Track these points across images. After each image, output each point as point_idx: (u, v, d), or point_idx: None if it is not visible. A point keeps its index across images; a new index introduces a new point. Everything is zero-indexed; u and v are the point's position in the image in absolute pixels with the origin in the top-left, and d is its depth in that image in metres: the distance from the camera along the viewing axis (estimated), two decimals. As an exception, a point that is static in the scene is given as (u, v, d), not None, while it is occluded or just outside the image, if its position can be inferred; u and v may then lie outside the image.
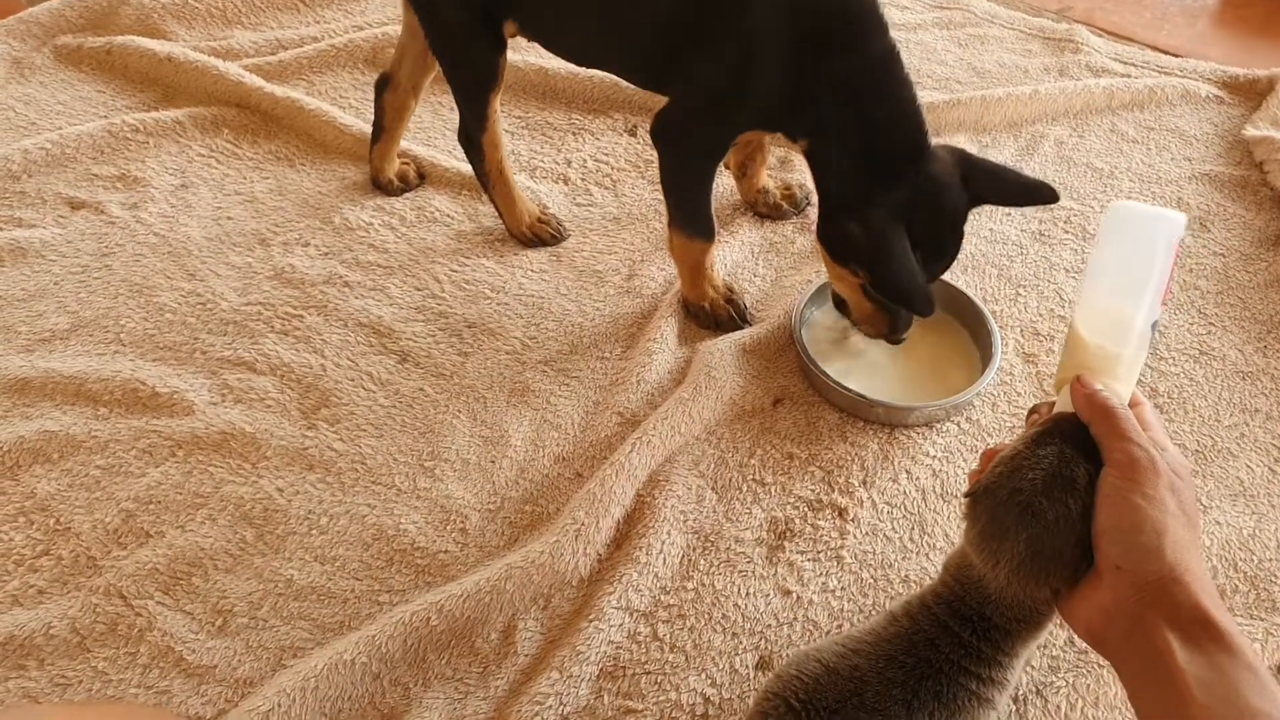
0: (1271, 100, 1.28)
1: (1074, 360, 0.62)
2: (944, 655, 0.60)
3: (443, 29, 0.96)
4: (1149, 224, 0.61)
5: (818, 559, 0.82)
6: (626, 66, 0.95)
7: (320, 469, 0.87)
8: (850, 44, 0.81)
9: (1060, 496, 0.55)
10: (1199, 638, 0.49)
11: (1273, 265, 1.10)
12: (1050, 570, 0.56)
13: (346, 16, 1.42)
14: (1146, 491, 0.53)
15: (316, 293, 1.03)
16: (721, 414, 0.93)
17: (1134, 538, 0.52)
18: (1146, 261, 0.61)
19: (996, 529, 0.57)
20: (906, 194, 0.81)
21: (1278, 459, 0.91)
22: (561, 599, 0.79)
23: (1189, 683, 0.48)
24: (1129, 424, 0.56)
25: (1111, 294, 0.61)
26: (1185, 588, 0.50)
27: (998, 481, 0.57)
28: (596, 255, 1.09)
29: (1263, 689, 0.47)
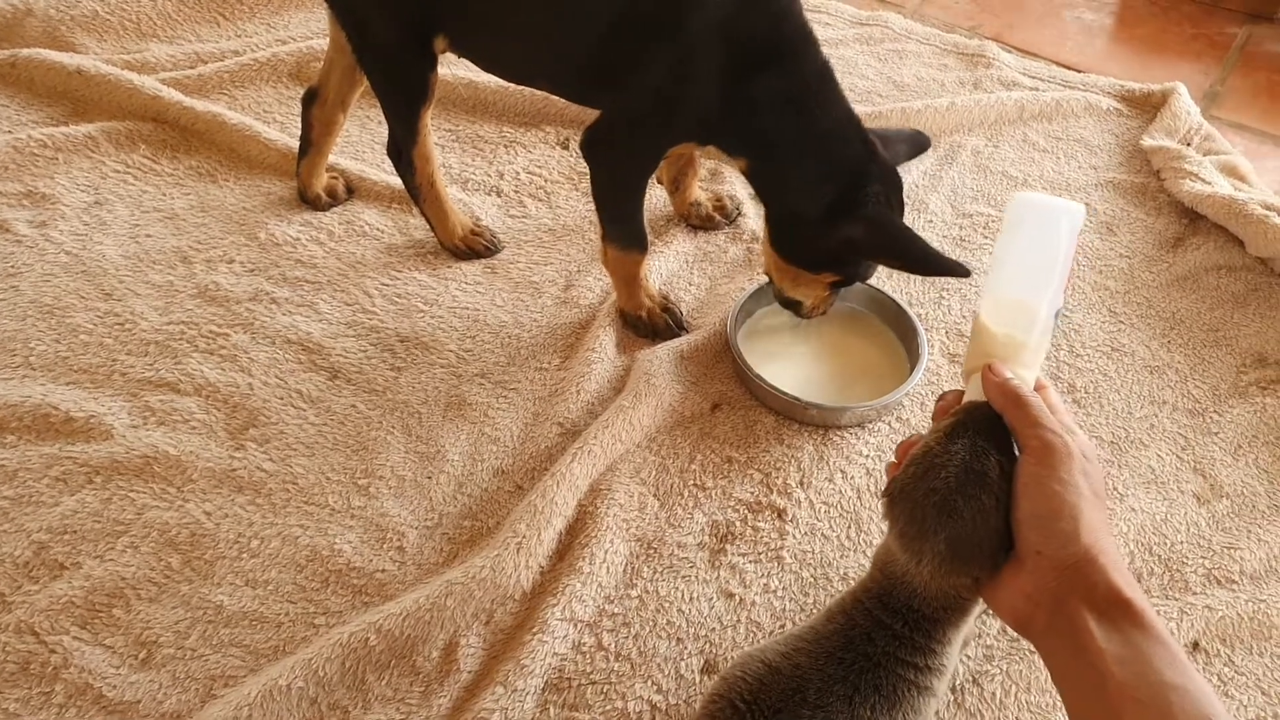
0: (1165, 112, 1.35)
1: (981, 349, 0.63)
2: (880, 648, 0.61)
3: (372, 45, 0.95)
4: (1050, 215, 0.63)
5: (759, 560, 0.83)
6: (559, 82, 0.96)
7: (250, 490, 0.85)
8: (785, 61, 0.83)
9: (974, 492, 0.56)
10: (1115, 617, 0.51)
11: (1173, 266, 1.16)
12: (971, 562, 0.58)
13: (269, 30, 1.39)
14: (1062, 476, 0.55)
15: (242, 310, 1.00)
16: (661, 421, 0.93)
17: (1053, 524, 0.54)
18: (1049, 251, 0.63)
19: (916, 529, 0.58)
20: (879, 185, 0.84)
21: (1184, 447, 0.96)
22: (504, 613, 0.78)
23: (1107, 661, 0.50)
24: (1040, 410, 0.58)
25: (1016, 284, 0.63)
26: (1100, 569, 0.52)
27: (913, 482, 0.59)
28: (532, 267, 1.09)
29: (1175, 662, 0.49)
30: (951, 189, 1.24)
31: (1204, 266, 1.16)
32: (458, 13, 0.90)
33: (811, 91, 0.84)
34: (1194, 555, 0.86)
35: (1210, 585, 0.84)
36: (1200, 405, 1.00)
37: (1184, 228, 1.21)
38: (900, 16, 1.59)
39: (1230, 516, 0.90)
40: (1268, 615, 0.81)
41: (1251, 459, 0.95)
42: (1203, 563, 0.86)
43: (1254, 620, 0.81)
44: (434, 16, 0.90)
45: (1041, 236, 0.63)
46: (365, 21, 0.93)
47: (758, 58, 0.82)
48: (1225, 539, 0.88)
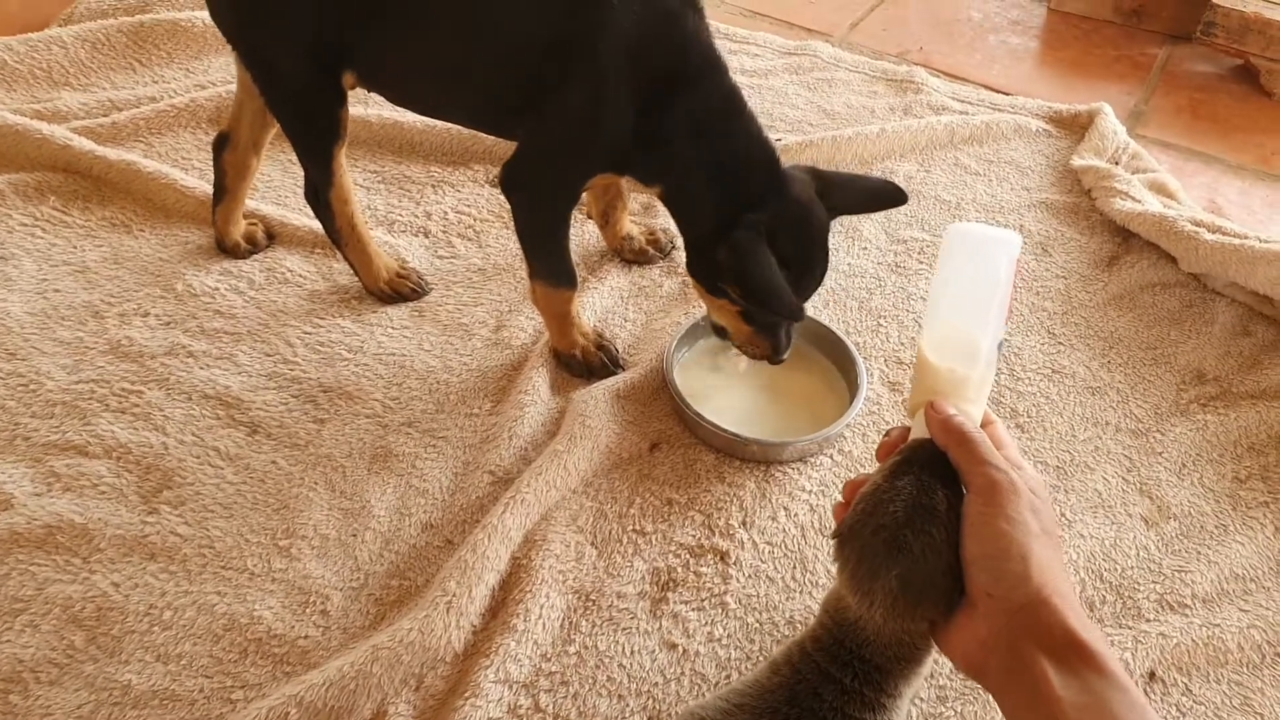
0: (1093, 133, 1.37)
1: (925, 384, 0.62)
2: (827, 704, 0.59)
3: (279, 84, 0.92)
4: (987, 246, 0.62)
5: (702, 607, 0.80)
6: (472, 115, 0.94)
7: (163, 557, 0.80)
8: (693, 87, 0.82)
9: (924, 527, 0.55)
10: (1071, 661, 0.49)
11: (1109, 285, 1.16)
12: (924, 602, 0.56)
13: (188, 75, 1.36)
14: (1010, 514, 0.53)
15: (157, 365, 0.95)
16: (598, 464, 0.90)
17: (1002, 565, 0.53)
18: (988, 283, 0.62)
19: (867, 569, 0.56)
20: (767, 215, 0.82)
21: (1129, 469, 0.95)
22: (435, 677, 0.74)
23: (1064, 708, 0.48)
24: (985, 447, 0.56)
25: (956, 317, 0.62)
26: (1054, 610, 0.51)
27: (861, 520, 0.57)
28: (461, 308, 1.06)
29: (1134, 707, 0.48)
30: (885, 215, 1.24)
31: (1139, 285, 1.16)
32: (365, 47, 0.87)
33: (717, 117, 0.84)
34: (1145, 580, 0.85)
35: (1163, 611, 0.83)
36: (1143, 425, 1.00)
37: (1117, 246, 1.22)
38: (829, 45, 1.60)
39: (1179, 538, 0.89)
40: (1222, 640, 0.80)
41: (1196, 478, 0.94)
42: (1154, 588, 0.84)
43: (1209, 646, 0.79)
44: (341, 52, 0.88)
45: (980, 268, 0.62)
46: (270, 61, 0.90)
47: (666, 85, 0.82)
48: (1175, 562, 0.87)
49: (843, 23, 1.74)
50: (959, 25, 1.78)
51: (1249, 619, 0.81)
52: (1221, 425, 0.99)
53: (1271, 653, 0.80)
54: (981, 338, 0.61)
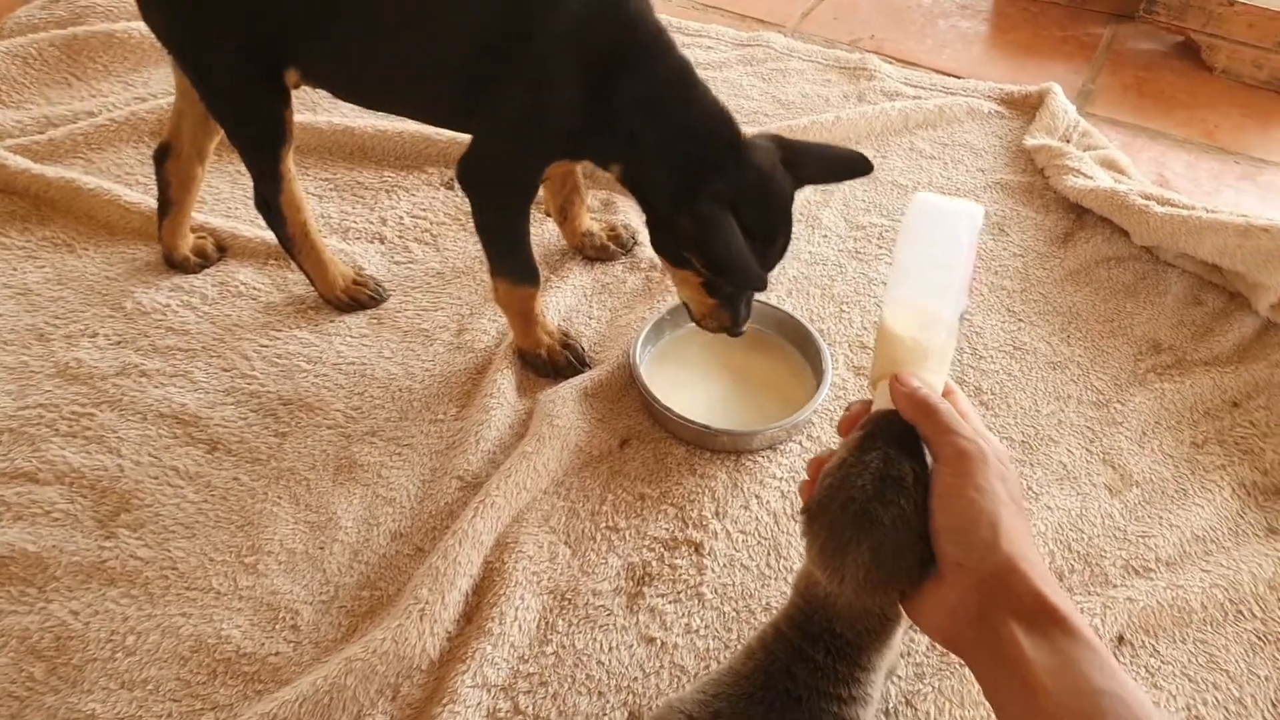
0: (1044, 112, 1.38)
1: (887, 355, 0.62)
2: (801, 683, 0.59)
3: (218, 88, 0.89)
4: (950, 217, 0.62)
5: (679, 600, 0.79)
6: (420, 109, 0.92)
7: (123, 582, 0.78)
8: (641, 64, 0.82)
9: (893, 498, 0.54)
10: (1042, 624, 0.50)
11: (1065, 261, 1.18)
12: (895, 573, 0.55)
13: (127, 89, 1.32)
14: (979, 484, 0.53)
15: (109, 386, 0.93)
16: (568, 463, 0.89)
17: (971, 534, 0.53)
18: (950, 254, 0.61)
19: (837, 543, 0.56)
20: (727, 183, 0.81)
21: (1092, 440, 0.96)
22: (411, 686, 0.73)
23: (1036, 672, 0.48)
24: (952, 418, 0.56)
25: (919, 288, 0.62)
26: (1024, 577, 0.51)
27: (829, 495, 0.56)
28: (421, 313, 1.04)
29: (1104, 667, 0.48)
30: (843, 202, 1.24)
31: (1094, 259, 1.18)
32: (307, 43, 0.85)
33: (668, 91, 0.83)
34: (1111, 548, 0.86)
35: (1129, 576, 0.84)
36: (1104, 397, 1.01)
37: (1072, 223, 1.23)
38: (781, 36, 1.60)
39: (1142, 505, 0.90)
40: (1186, 601, 0.81)
41: (1156, 445, 0.96)
42: (1120, 554, 0.86)
43: (1174, 607, 0.80)
44: (281, 49, 0.86)
45: (942, 239, 0.62)
46: (207, 63, 0.88)
47: (613, 64, 0.81)
48: (1139, 528, 0.88)
49: (794, 13, 1.75)
50: (909, 12, 1.79)
51: (1211, 579, 0.82)
52: (1178, 393, 1.01)
53: (1234, 610, 0.81)
54: (943, 308, 0.61)
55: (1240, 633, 0.80)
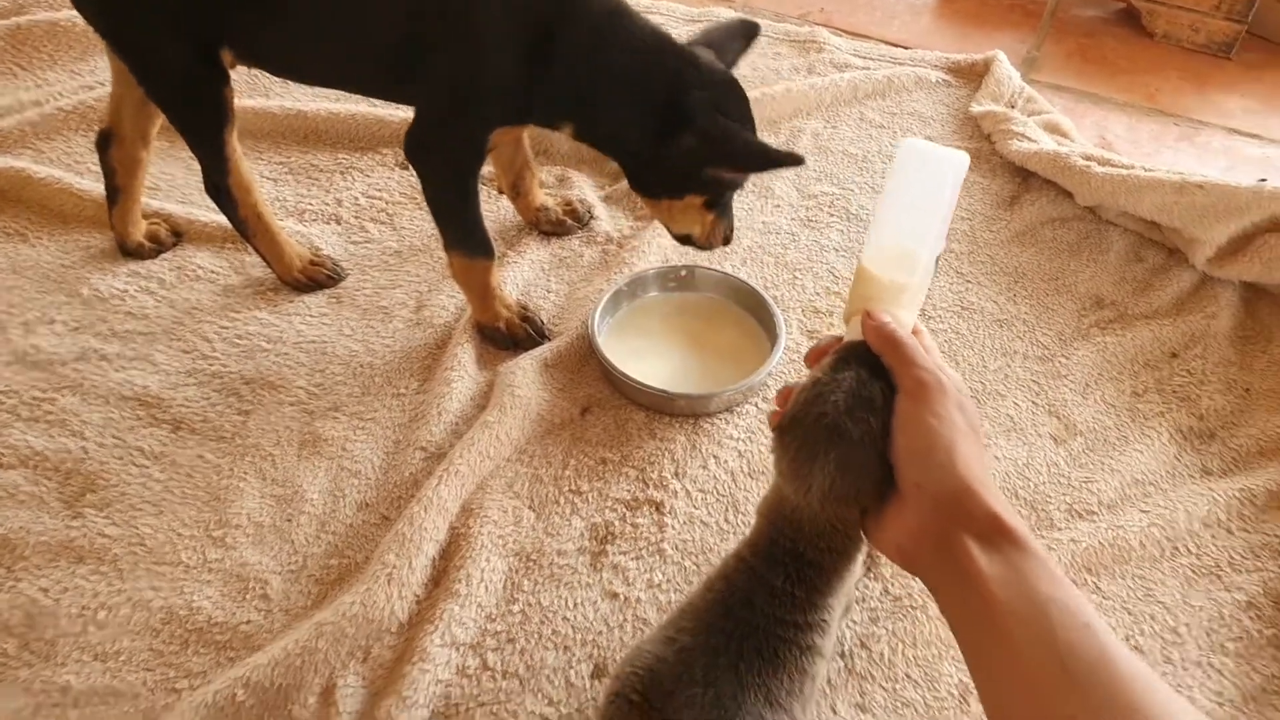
0: (989, 80, 1.41)
1: (863, 292, 0.64)
2: (759, 610, 0.61)
3: (154, 71, 0.88)
4: (935, 163, 0.64)
5: (640, 556, 0.82)
6: (358, 80, 0.92)
7: (92, 559, 0.79)
8: (572, 16, 0.82)
9: (862, 415, 0.57)
10: (995, 540, 0.52)
11: (1011, 223, 1.21)
12: (859, 487, 0.58)
13: (73, 77, 1.32)
14: (937, 411, 0.56)
15: (69, 371, 0.93)
16: (530, 431, 0.91)
17: (929, 457, 0.55)
18: (933, 199, 0.64)
19: (806, 453, 0.58)
20: (705, 91, 0.83)
21: (1037, 392, 1.00)
22: (381, 648, 0.74)
23: (990, 583, 0.51)
24: (916, 351, 0.59)
25: (899, 230, 0.64)
26: (978, 497, 0.53)
27: (803, 409, 0.59)
28: (380, 291, 1.05)
29: (1052, 577, 0.51)
30: (795, 172, 1.26)
31: (1039, 220, 1.21)
32: (238, 21, 0.85)
33: (604, 34, 0.83)
34: (1056, 494, 0.90)
35: (1073, 519, 0.87)
36: (1049, 351, 1.04)
37: (1018, 186, 1.27)
38: (730, 10, 1.62)
39: (1085, 452, 0.94)
40: (1125, 540, 0.84)
41: (1099, 395, 0.99)
42: (1064, 499, 0.89)
43: (1114, 547, 0.84)
44: (215, 28, 0.85)
45: (926, 184, 0.64)
46: (141, 47, 0.87)
47: (544, 21, 0.81)
48: (1082, 474, 0.91)
49: (742, -11, 1.77)
50: (855, -15, 1.81)
51: (1149, 519, 0.86)
52: (1119, 345, 1.05)
53: (1170, 547, 0.85)
54: (921, 250, 0.64)
55: (1176, 568, 0.84)
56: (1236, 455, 0.94)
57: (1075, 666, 0.47)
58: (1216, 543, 0.86)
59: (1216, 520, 0.87)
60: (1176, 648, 0.78)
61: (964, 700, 0.73)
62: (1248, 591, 0.82)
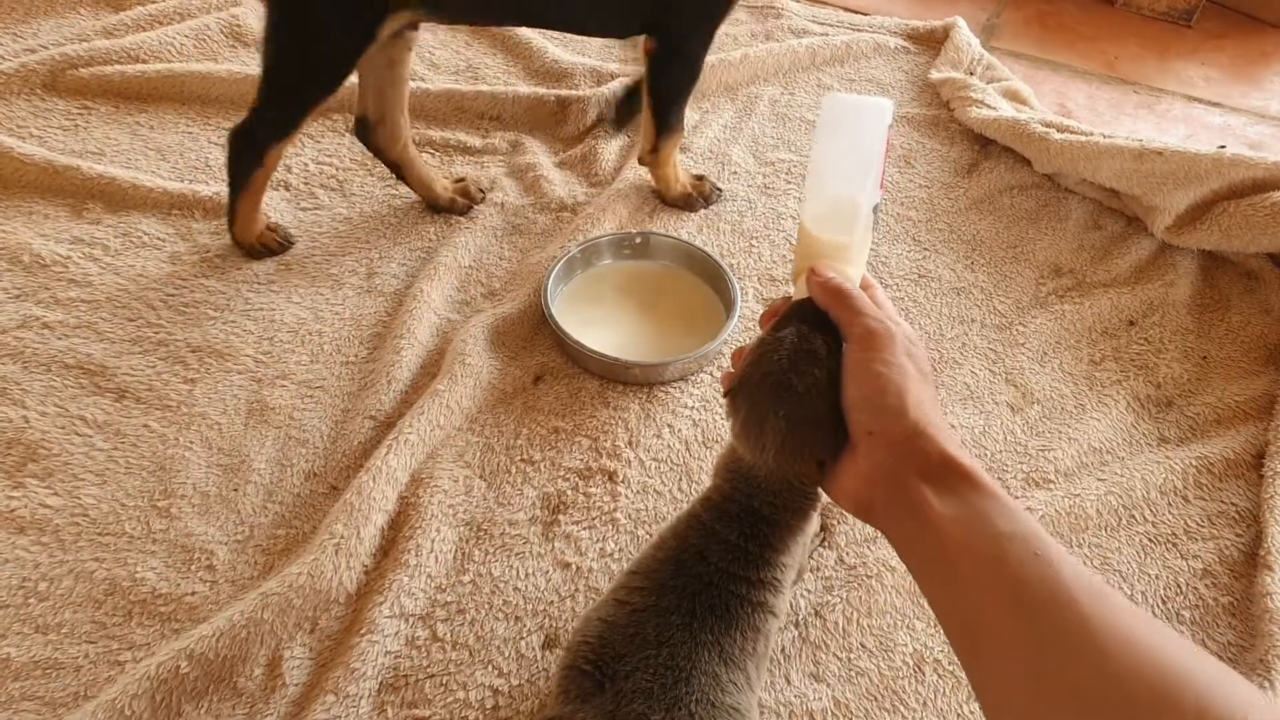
0: (948, 47, 1.41)
1: (806, 251, 0.64)
2: (712, 565, 0.61)
3: (307, 21, 0.87)
4: (860, 114, 0.64)
5: (593, 526, 0.81)
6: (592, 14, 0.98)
7: (33, 530, 0.77)
8: None
9: (806, 369, 0.57)
10: (949, 479, 0.52)
11: (969, 190, 1.21)
12: (812, 441, 0.58)
13: (15, 40, 1.27)
14: (886, 358, 0.56)
15: (9, 340, 0.91)
16: (482, 400, 0.90)
17: (880, 401, 0.55)
18: (861, 149, 0.63)
19: (756, 414, 0.58)
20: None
21: (994, 360, 1.00)
22: (329, 619, 0.74)
23: (944, 523, 0.51)
24: (861, 301, 0.59)
25: (834, 184, 0.64)
26: (930, 439, 0.53)
27: (749, 371, 0.59)
28: (330, 258, 1.03)
29: (1007, 512, 0.50)
30: (752, 139, 1.26)
31: (998, 188, 1.21)
32: None
33: None
34: (1013, 462, 0.90)
35: (1030, 488, 0.88)
36: (1006, 319, 1.05)
37: (976, 153, 1.26)
38: (694, -24, 1.59)
39: (1042, 420, 0.94)
40: (1082, 508, 0.85)
41: (1056, 364, 1.00)
42: (1021, 468, 0.89)
43: (1071, 514, 0.85)
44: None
45: (853, 134, 0.64)
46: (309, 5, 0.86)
47: None
48: (1039, 443, 0.92)
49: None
50: (820, -49, 1.79)
51: (1105, 487, 0.87)
52: (1077, 313, 1.05)
53: (1126, 516, 0.86)
54: (858, 203, 0.63)
55: (1133, 536, 0.84)
56: (1194, 424, 0.95)
57: (1027, 597, 0.46)
58: (1173, 511, 0.86)
59: (1173, 489, 0.88)
60: (1124, 612, 0.79)
61: (918, 669, 0.74)
62: (1204, 560, 0.83)
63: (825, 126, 0.64)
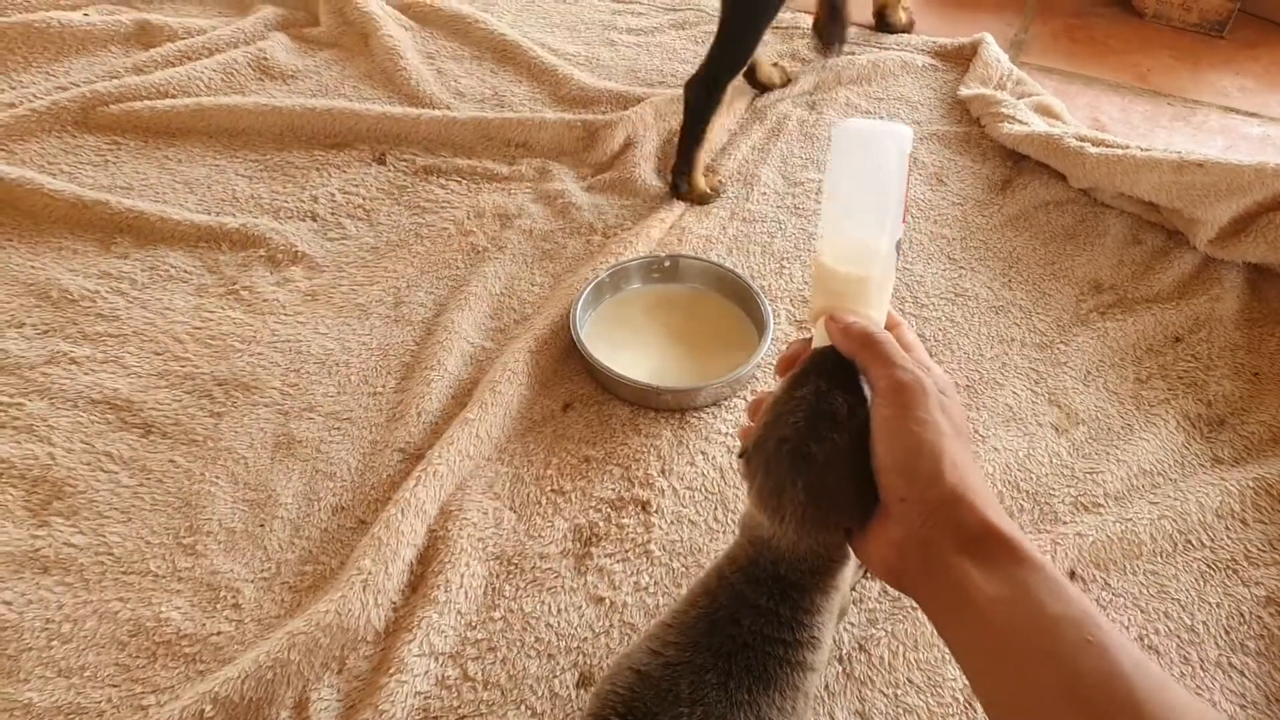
0: (977, 62, 1.38)
1: (824, 289, 0.60)
2: (746, 628, 0.58)
3: None
4: (877, 142, 0.59)
5: (627, 559, 0.79)
6: None
7: (57, 570, 0.76)
8: None
9: (825, 434, 0.53)
10: (991, 552, 0.48)
11: (1004, 207, 1.18)
12: (835, 510, 0.54)
13: (48, 78, 1.29)
14: (919, 415, 0.51)
15: (37, 375, 0.90)
16: (511, 429, 0.88)
17: (913, 465, 0.51)
18: (881, 180, 0.59)
19: (773, 483, 0.55)
20: None
21: (1036, 380, 0.97)
22: (357, 658, 0.71)
23: (988, 602, 0.47)
24: (889, 348, 0.54)
25: (851, 218, 0.59)
26: (969, 506, 0.49)
27: (764, 434, 0.55)
28: (356, 288, 1.02)
29: (1055, 590, 0.46)
30: (781, 159, 1.24)
31: (1033, 204, 1.18)
32: None
33: None
34: (1060, 485, 0.87)
35: (1079, 512, 0.84)
36: (1046, 338, 1.01)
37: (1010, 169, 1.24)
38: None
39: (1089, 442, 0.91)
40: (1135, 534, 0.81)
41: (1101, 383, 0.97)
42: (1069, 491, 0.86)
43: (1123, 540, 0.81)
44: None
45: (871, 166, 0.59)
46: None
47: None
48: (1086, 465, 0.88)
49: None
50: (842, -28, 1.78)
51: (1159, 510, 0.83)
52: (1120, 331, 1.02)
53: (1182, 540, 0.82)
54: (878, 238, 0.59)
55: (1190, 562, 0.81)
56: (1249, 443, 0.91)
57: (1083, 692, 0.43)
58: (1231, 535, 0.83)
59: (1230, 511, 0.84)
60: (1194, 647, 0.75)
61: (969, 706, 0.70)
62: (1267, 587, 0.79)
63: (840, 157, 0.60)
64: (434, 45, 1.42)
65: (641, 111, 1.24)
